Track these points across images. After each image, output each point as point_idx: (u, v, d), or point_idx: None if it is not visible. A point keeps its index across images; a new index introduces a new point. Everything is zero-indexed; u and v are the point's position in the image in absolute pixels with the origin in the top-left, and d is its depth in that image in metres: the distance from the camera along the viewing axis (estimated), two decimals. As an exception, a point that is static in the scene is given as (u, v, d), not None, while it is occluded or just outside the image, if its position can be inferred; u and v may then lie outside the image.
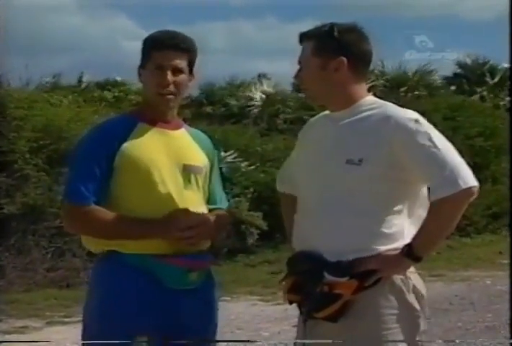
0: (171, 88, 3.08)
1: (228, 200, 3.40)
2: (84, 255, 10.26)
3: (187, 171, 3.13)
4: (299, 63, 3.04)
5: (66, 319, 8.16)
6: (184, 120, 3.32)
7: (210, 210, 3.23)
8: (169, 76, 3.06)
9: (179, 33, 3.12)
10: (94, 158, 3.04)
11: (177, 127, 3.21)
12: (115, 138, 3.05)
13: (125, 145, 3.05)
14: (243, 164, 13.64)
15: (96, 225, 3.04)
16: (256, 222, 12.34)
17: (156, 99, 3.10)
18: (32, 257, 10.23)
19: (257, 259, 12.39)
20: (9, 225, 10.32)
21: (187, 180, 3.12)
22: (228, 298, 8.78)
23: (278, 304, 8.65)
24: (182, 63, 3.09)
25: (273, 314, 8.36)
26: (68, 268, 10.30)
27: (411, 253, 2.83)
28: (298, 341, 3.01)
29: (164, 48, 3.07)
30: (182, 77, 3.10)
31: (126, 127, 3.10)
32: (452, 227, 2.87)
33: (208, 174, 3.25)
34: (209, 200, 3.27)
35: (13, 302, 8.86)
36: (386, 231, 2.87)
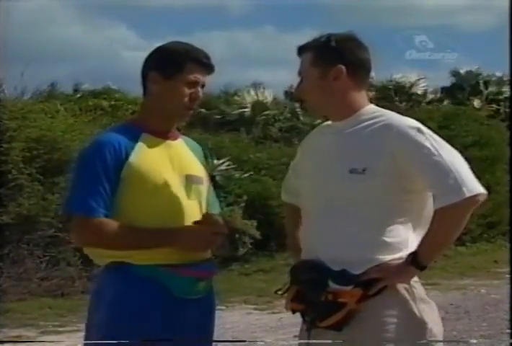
0: (196, 103, 3.13)
1: (222, 209, 3.39)
2: (78, 264, 10.27)
3: (190, 182, 3.13)
4: (299, 75, 3.04)
5: (60, 329, 8.12)
6: (178, 129, 3.32)
7: None
8: (200, 92, 3.11)
9: (207, 52, 3.17)
10: (101, 169, 3.01)
11: (176, 137, 3.22)
12: (120, 149, 3.03)
13: (132, 156, 3.04)
14: (237, 173, 13.64)
15: (109, 237, 3.00)
16: (250, 231, 12.33)
17: (179, 111, 3.11)
18: (27, 267, 10.21)
19: (252, 268, 12.39)
20: (2, 235, 10.30)
21: (189, 190, 3.12)
22: (223, 307, 8.76)
23: (273, 313, 8.66)
24: (207, 81, 3.15)
25: (268, 323, 8.36)
26: (62, 277, 10.28)
27: (416, 261, 2.82)
28: None
29: (202, 65, 3.11)
30: (203, 94, 3.15)
31: (131, 137, 3.08)
32: (457, 235, 2.86)
33: (207, 183, 3.25)
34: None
35: (7, 311, 8.84)
36: (390, 240, 2.86)
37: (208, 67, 3.13)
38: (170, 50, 3.13)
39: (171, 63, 3.08)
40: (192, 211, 3.10)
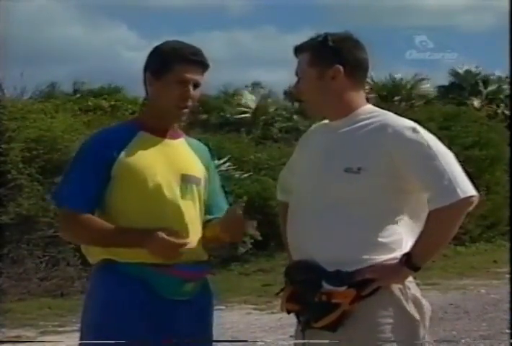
0: (190, 102, 3.10)
1: None
2: (78, 264, 10.26)
3: (185, 182, 3.11)
4: (297, 75, 3.04)
5: (60, 329, 8.13)
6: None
7: (208, 221, 3.20)
8: (191, 91, 3.08)
9: (197, 47, 3.13)
10: (92, 166, 3.03)
11: (177, 137, 3.20)
12: (113, 146, 3.04)
13: (124, 153, 3.04)
14: (237, 173, 13.64)
15: (88, 233, 3.03)
16: (250, 231, 12.31)
17: (172, 111, 3.09)
18: (26, 267, 10.21)
19: (252, 268, 12.40)
20: (2, 235, 10.30)
21: (184, 190, 3.10)
22: (223, 307, 8.76)
23: (273, 313, 8.65)
24: (201, 78, 3.11)
25: (268, 323, 8.35)
26: (62, 277, 10.28)
27: (409, 262, 2.82)
28: None
29: (189, 63, 3.07)
30: (198, 92, 3.12)
31: (126, 135, 3.09)
32: (450, 236, 2.86)
33: (206, 184, 3.23)
34: (209, 211, 3.24)
35: (6, 311, 8.83)
36: (384, 240, 2.86)
37: (198, 64, 3.09)
38: (159, 50, 3.12)
39: (160, 64, 3.07)
40: (186, 211, 3.08)
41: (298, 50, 3.02)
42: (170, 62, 3.05)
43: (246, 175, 13.86)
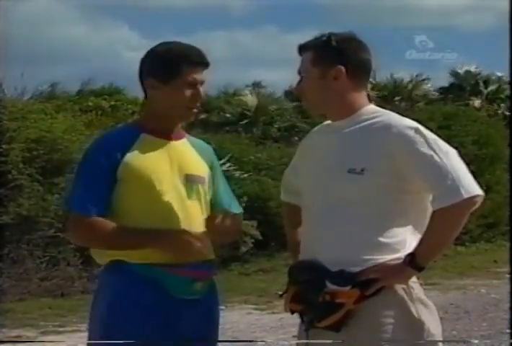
0: (199, 102, 3.13)
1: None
2: (78, 264, 10.28)
3: (190, 182, 3.13)
4: (299, 73, 3.04)
5: (60, 329, 8.12)
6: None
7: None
8: (200, 91, 3.11)
9: (198, 47, 3.16)
10: (98, 169, 3.04)
11: (180, 138, 3.22)
12: (117, 149, 3.06)
13: (128, 156, 3.06)
14: (237, 173, 13.64)
15: (99, 235, 3.04)
16: (250, 231, 12.35)
17: (182, 112, 3.12)
18: (26, 267, 10.22)
19: (252, 268, 12.40)
20: (2, 235, 10.31)
21: (189, 190, 3.12)
22: (223, 307, 8.75)
23: (273, 313, 8.65)
24: (205, 77, 3.15)
25: (268, 323, 8.36)
26: (62, 277, 10.29)
27: (413, 262, 2.82)
28: None
29: (197, 65, 3.10)
30: (203, 90, 3.15)
31: (128, 138, 3.10)
32: (454, 236, 2.86)
33: (210, 183, 3.24)
34: (214, 209, 3.23)
35: (7, 311, 8.84)
36: (388, 241, 2.86)
37: (203, 65, 3.12)
38: (163, 55, 3.11)
39: (167, 69, 3.07)
40: (192, 211, 3.10)
41: (302, 48, 3.02)
42: (178, 66, 3.06)
43: (246, 175, 13.86)
